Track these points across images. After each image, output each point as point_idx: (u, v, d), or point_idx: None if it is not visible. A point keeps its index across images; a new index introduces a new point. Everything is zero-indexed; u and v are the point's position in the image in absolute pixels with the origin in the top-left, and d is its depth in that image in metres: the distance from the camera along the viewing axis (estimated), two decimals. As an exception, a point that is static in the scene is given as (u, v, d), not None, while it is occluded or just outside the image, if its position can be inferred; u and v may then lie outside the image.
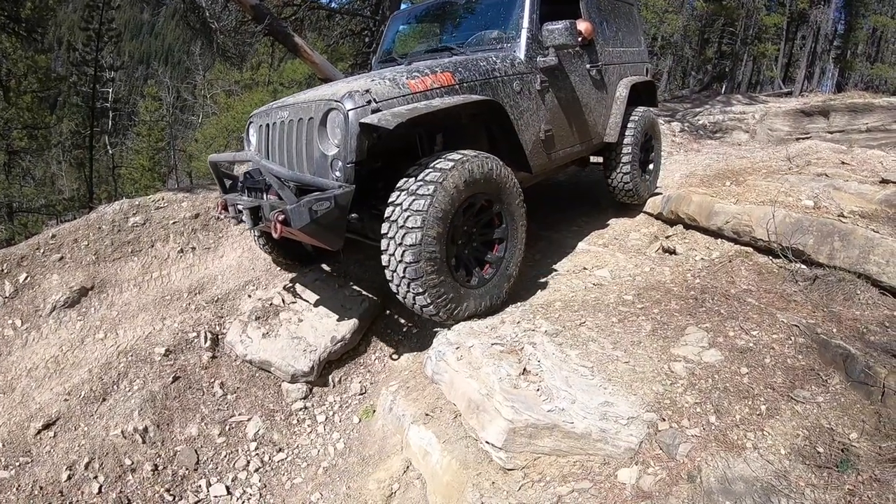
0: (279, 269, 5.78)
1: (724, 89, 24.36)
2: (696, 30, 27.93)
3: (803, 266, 4.18)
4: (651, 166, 6.61)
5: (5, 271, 5.30)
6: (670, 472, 2.70)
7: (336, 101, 3.62)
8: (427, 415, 3.56)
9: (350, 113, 3.52)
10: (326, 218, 3.46)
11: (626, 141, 5.97)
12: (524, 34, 4.77)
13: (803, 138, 9.03)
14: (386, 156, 4.12)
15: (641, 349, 3.40)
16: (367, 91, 3.59)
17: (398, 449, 3.71)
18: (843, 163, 5.93)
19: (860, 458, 2.60)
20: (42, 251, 5.53)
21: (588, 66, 5.52)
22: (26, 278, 5.31)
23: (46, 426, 4.17)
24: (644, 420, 2.92)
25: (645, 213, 5.97)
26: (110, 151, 27.30)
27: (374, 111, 3.53)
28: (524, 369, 3.13)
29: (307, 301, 5.18)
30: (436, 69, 4.04)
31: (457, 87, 4.08)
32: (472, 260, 4.06)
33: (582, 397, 2.96)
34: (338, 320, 4.97)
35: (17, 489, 3.78)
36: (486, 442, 2.95)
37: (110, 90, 27.29)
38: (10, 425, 4.20)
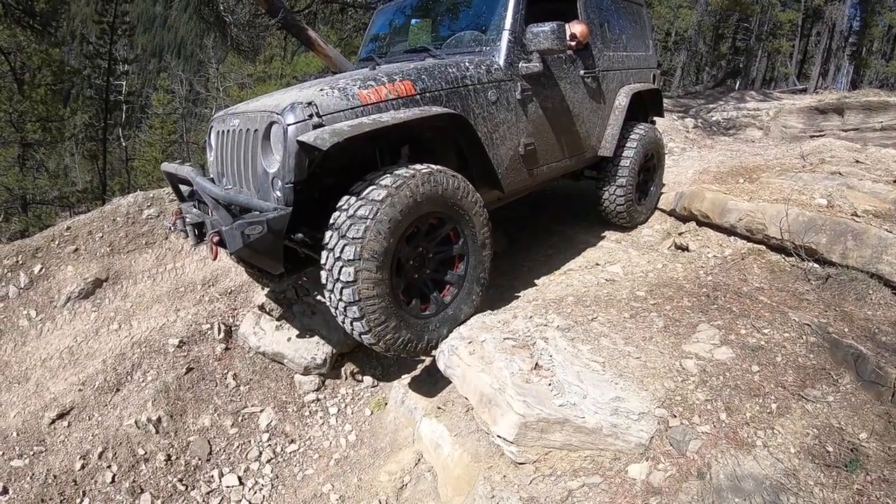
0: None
1: (737, 85, 24.26)
2: (711, 25, 27.83)
3: (816, 265, 4.18)
4: (651, 189, 6.15)
5: (20, 263, 5.36)
6: (680, 469, 2.72)
7: (277, 113, 3.30)
8: (439, 408, 3.59)
9: (289, 128, 3.21)
10: (260, 243, 3.16)
11: (623, 161, 5.55)
12: (505, 37, 4.34)
13: (817, 136, 8.99)
14: (341, 173, 3.69)
15: (653, 345, 3.40)
16: (310, 104, 3.26)
17: (409, 441, 3.74)
18: (857, 161, 5.90)
19: (869, 459, 2.61)
20: (57, 243, 5.60)
21: (582, 72, 5.05)
22: (41, 269, 5.37)
23: (61, 416, 4.23)
24: (655, 416, 2.93)
25: (658, 209, 5.96)
26: (124, 144, 27.54)
27: (316, 126, 3.21)
28: (536, 364, 3.15)
29: (320, 295, 5.21)
30: (395, 77, 3.66)
31: (417, 97, 3.70)
32: (428, 283, 3.76)
33: (593, 392, 2.97)
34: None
35: (31, 478, 3.84)
36: (498, 436, 2.96)
37: (124, 83, 27.53)
38: (24, 415, 4.26)
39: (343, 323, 3.38)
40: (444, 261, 3.79)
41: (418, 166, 3.45)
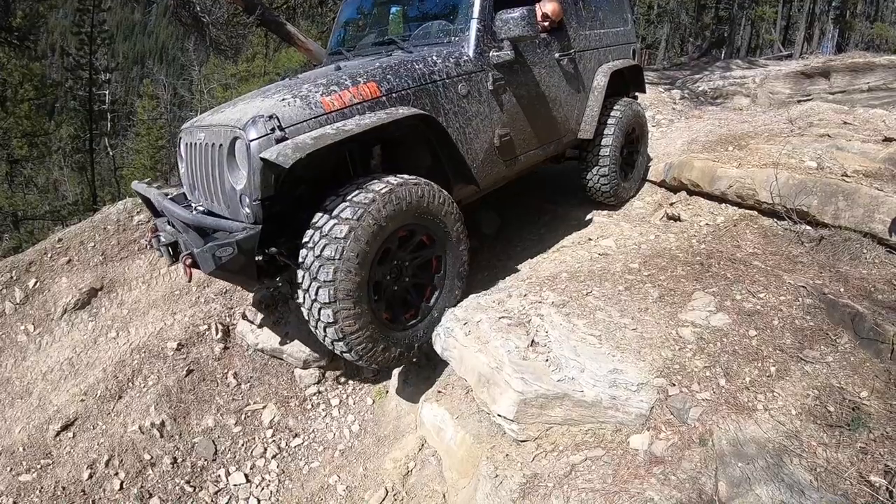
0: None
1: (723, 55, 24.22)
2: (693, -4, 27.74)
3: (808, 227, 4.18)
4: (637, 162, 5.98)
5: (15, 278, 5.35)
6: (682, 437, 2.72)
7: (239, 129, 3.18)
8: (439, 392, 3.60)
9: (252, 144, 3.09)
10: (233, 263, 3.11)
11: (604, 140, 5.36)
12: (473, 26, 4.13)
13: (805, 100, 8.95)
14: (314, 181, 3.62)
15: (649, 316, 3.41)
16: (272, 117, 3.12)
17: (412, 427, 3.75)
18: (845, 123, 5.88)
19: (871, 417, 2.62)
20: (49, 255, 5.59)
21: (557, 54, 4.83)
22: (36, 283, 5.36)
23: (65, 427, 4.24)
24: (654, 386, 2.93)
25: (648, 181, 5.94)
26: (111, 153, 27.44)
27: (279, 140, 3.08)
28: (532, 341, 3.15)
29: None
30: (358, 79, 3.51)
31: (383, 98, 3.55)
32: (410, 290, 3.67)
33: (591, 366, 2.98)
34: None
35: (40, 491, 3.85)
36: (498, 415, 2.97)
37: (107, 92, 27.39)
38: (29, 429, 4.27)
39: (335, 351, 3.38)
40: (421, 265, 3.70)
41: (377, 185, 3.26)
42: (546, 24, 4.70)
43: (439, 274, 3.78)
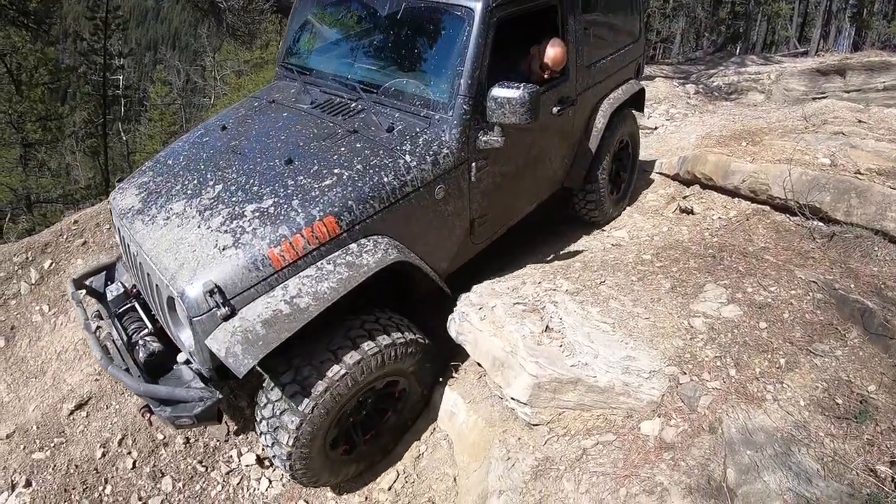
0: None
1: (738, 50, 24.08)
2: (709, -10, 27.57)
3: (820, 223, 4.19)
4: (626, 178, 5.47)
5: (30, 259, 5.38)
6: (692, 424, 2.77)
7: (176, 293, 2.73)
8: (452, 376, 3.64)
9: (194, 320, 2.67)
10: (193, 426, 2.89)
11: (594, 177, 4.76)
12: (459, 105, 3.28)
13: (820, 98, 8.94)
14: None
15: (661, 306, 3.44)
16: (214, 290, 2.62)
17: (424, 411, 3.79)
18: (859, 121, 5.88)
19: (878, 410, 2.66)
20: (65, 237, 5.61)
21: (555, 109, 3.99)
22: (51, 264, 5.39)
23: (79, 406, 4.26)
24: (665, 373, 2.98)
25: (661, 174, 5.96)
26: (124, 138, 27.56)
27: (225, 317, 2.64)
28: (546, 326, 3.19)
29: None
30: (313, 217, 2.88)
31: (344, 235, 2.95)
32: (373, 415, 3.43)
33: (604, 352, 3.02)
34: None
35: (53, 469, 3.89)
36: (512, 398, 3.02)
37: (121, 77, 27.50)
38: (43, 408, 4.31)
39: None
40: (382, 396, 3.41)
41: (367, 347, 2.95)
42: (545, 74, 3.97)
43: (400, 402, 3.52)
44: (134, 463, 3.93)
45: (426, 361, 3.37)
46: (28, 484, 3.82)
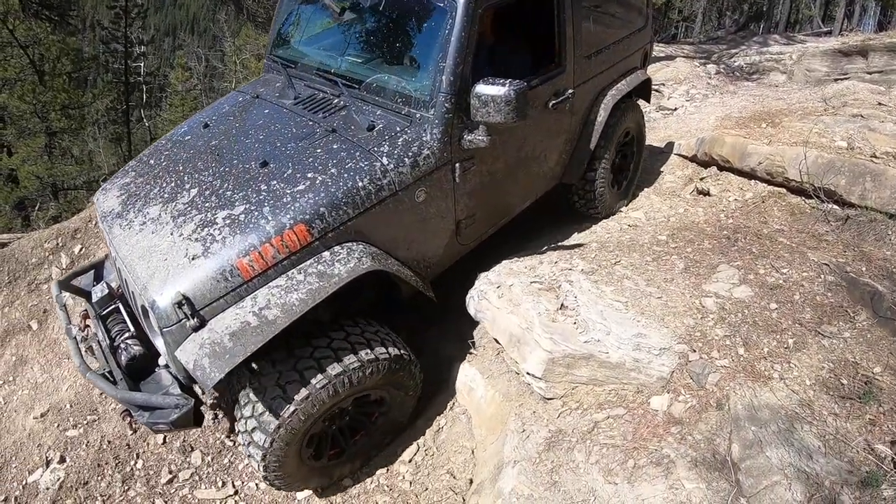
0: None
1: (760, 29, 23.68)
2: (733, -33, 27.07)
3: (835, 206, 4.21)
4: (629, 171, 5.27)
5: (61, 244, 5.50)
6: (700, 400, 2.85)
7: (147, 304, 2.68)
8: (470, 353, 3.75)
9: (164, 331, 2.64)
10: (170, 431, 2.95)
11: (594, 174, 4.59)
12: (441, 103, 3.09)
13: (841, 79, 8.82)
14: None
15: (674, 286, 3.51)
16: (182, 301, 2.56)
17: (444, 387, 3.90)
18: (879, 104, 5.84)
19: (882, 391, 2.71)
20: (94, 223, 5.72)
21: (552, 103, 3.80)
22: (81, 249, 5.51)
23: (111, 384, 4.43)
24: (675, 351, 3.06)
25: (679, 155, 5.97)
26: (146, 124, 27.71)
27: (195, 328, 2.59)
28: (561, 304, 3.28)
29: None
30: (283, 225, 2.77)
31: (316, 243, 2.84)
32: (356, 419, 3.38)
33: (616, 329, 3.11)
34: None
35: (86, 445, 4.03)
36: (527, 373, 3.12)
37: (142, 64, 27.60)
38: (76, 387, 4.44)
39: None
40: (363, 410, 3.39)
41: (349, 361, 2.89)
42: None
43: (384, 406, 3.41)
44: (164, 438, 4.05)
45: (408, 377, 3.27)
46: (62, 460, 3.97)
